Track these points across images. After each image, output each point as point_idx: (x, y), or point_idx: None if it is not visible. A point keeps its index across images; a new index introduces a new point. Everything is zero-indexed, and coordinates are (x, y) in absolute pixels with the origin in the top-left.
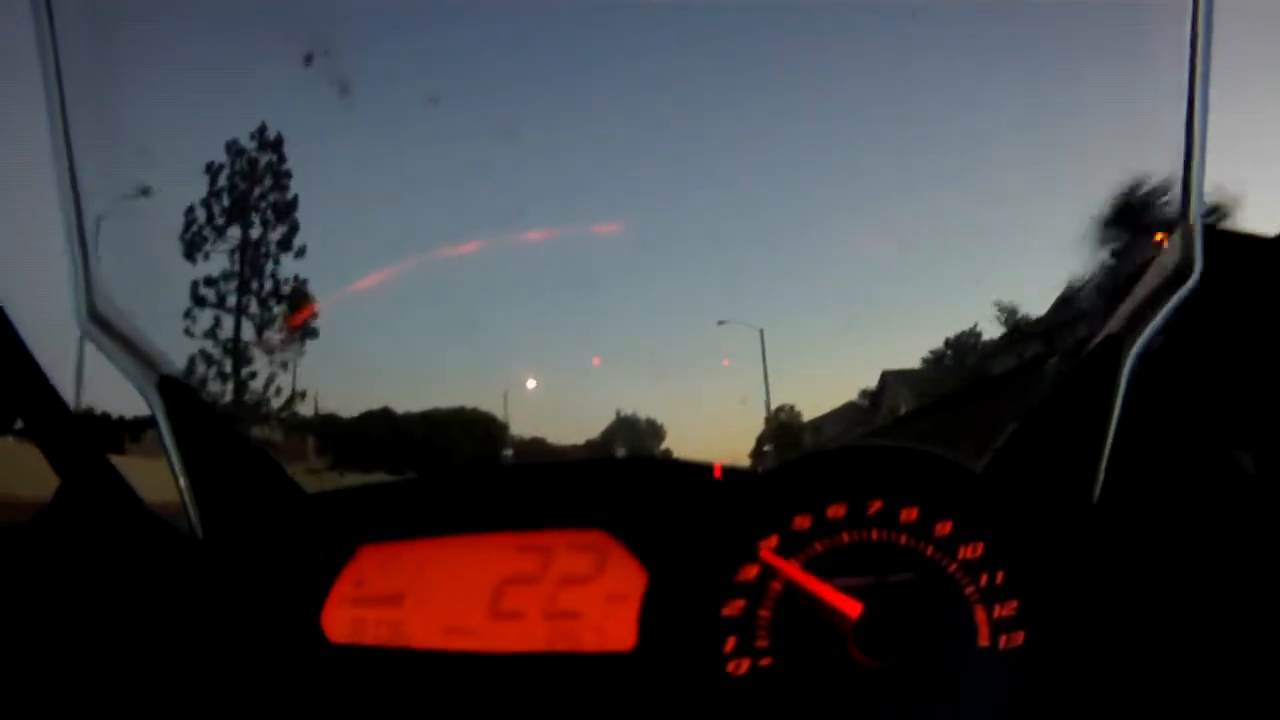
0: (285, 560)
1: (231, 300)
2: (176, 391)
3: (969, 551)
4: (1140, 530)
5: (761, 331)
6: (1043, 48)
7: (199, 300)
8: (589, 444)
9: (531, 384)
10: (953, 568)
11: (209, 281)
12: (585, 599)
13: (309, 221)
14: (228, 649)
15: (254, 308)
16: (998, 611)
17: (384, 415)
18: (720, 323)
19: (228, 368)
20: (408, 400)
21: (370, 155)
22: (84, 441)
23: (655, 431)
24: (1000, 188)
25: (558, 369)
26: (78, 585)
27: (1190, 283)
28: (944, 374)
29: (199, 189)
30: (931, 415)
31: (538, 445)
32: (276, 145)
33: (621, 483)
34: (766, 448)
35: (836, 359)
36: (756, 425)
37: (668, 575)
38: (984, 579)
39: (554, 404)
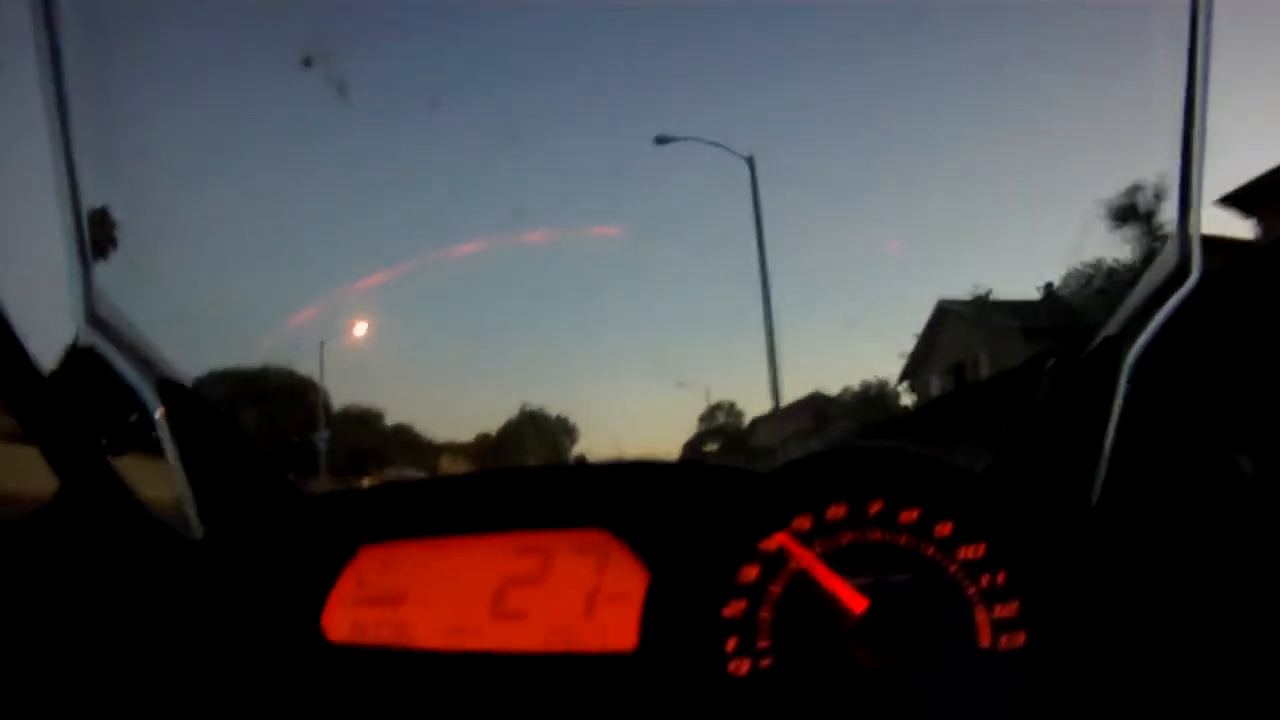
0: (285, 561)
1: None
2: (176, 393)
3: (970, 552)
4: (1139, 532)
5: (750, 159)
6: (1040, 46)
7: None
8: (479, 440)
9: (361, 329)
10: (953, 568)
11: None
12: (587, 599)
13: (305, 223)
14: (228, 650)
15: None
16: (998, 612)
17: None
18: (659, 140)
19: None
20: (405, 404)
21: (370, 156)
22: (83, 442)
23: (567, 430)
24: (998, 189)
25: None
26: (77, 586)
27: (1189, 284)
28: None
29: (197, 189)
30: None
31: (404, 434)
32: None
33: (622, 483)
34: (711, 447)
35: (830, 362)
36: (692, 418)
37: (669, 575)
38: (985, 580)
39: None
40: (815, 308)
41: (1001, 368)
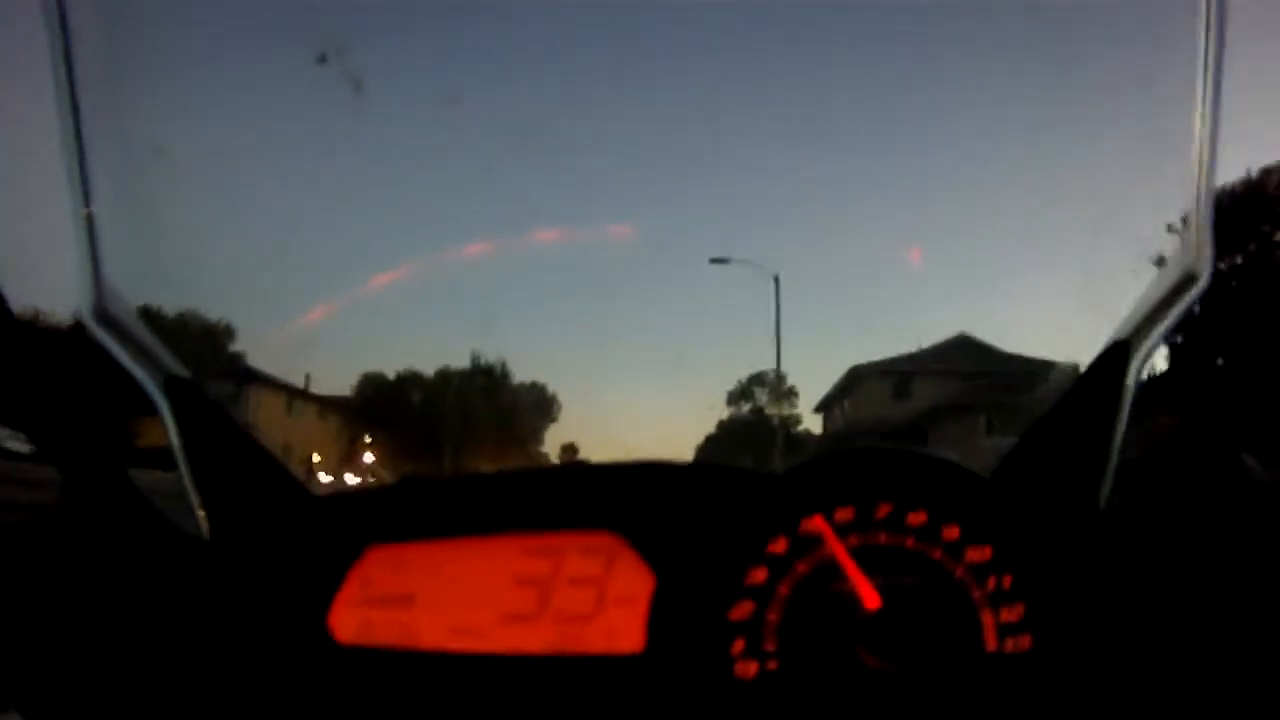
0: (292, 561)
1: None
2: (183, 391)
3: (976, 555)
4: (1147, 535)
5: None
6: (1052, 49)
7: None
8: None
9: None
10: (960, 571)
11: None
12: (593, 601)
13: (320, 222)
14: (234, 650)
15: None
16: (1004, 616)
17: None
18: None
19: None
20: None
21: (384, 154)
22: (89, 440)
23: (543, 403)
24: (1013, 191)
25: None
26: (82, 586)
27: (1199, 286)
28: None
29: (210, 185)
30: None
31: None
32: None
33: (630, 485)
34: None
35: (845, 362)
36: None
37: (676, 578)
38: (991, 583)
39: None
40: (833, 311)
41: None
